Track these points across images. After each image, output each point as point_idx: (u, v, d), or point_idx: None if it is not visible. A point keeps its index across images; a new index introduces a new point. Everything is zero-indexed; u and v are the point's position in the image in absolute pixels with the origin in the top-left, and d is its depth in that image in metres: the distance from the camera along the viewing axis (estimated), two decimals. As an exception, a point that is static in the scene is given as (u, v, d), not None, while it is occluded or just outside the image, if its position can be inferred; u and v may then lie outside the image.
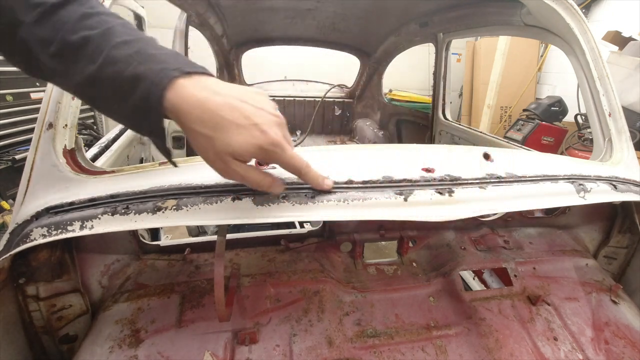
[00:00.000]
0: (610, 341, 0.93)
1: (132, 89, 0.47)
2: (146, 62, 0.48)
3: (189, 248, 1.07)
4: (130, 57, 0.48)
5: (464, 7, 1.87)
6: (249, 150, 0.52)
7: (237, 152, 0.51)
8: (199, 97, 0.48)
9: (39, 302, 0.78)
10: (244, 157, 0.53)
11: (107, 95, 0.50)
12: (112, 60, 0.47)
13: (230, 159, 0.52)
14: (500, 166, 0.85)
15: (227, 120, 0.50)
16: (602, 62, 1.13)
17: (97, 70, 0.47)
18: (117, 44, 0.48)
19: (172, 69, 0.48)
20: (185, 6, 1.89)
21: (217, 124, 0.50)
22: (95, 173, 0.73)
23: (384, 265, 1.12)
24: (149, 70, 0.47)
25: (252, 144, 0.51)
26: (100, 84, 0.48)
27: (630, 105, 3.22)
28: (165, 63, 0.49)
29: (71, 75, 0.49)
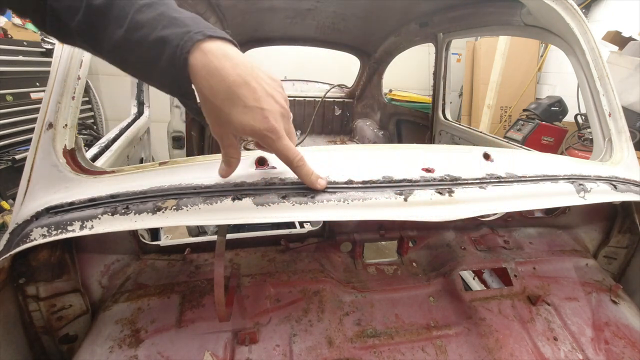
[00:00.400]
0: (610, 341, 0.93)
1: (159, 53, 0.49)
2: (170, 26, 0.49)
3: (189, 248, 1.07)
4: (155, 20, 0.49)
5: (464, 7, 1.87)
6: (245, 131, 0.55)
7: (236, 129, 0.55)
8: (218, 66, 0.50)
9: (39, 302, 0.78)
10: (240, 133, 0.57)
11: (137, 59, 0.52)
12: (138, 25, 0.49)
13: (230, 133, 0.57)
14: (500, 166, 0.85)
15: (238, 97, 0.52)
16: (602, 62, 1.13)
17: (124, 34, 0.49)
18: (140, 7, 0.49)
19: (195, 32, 0.49)
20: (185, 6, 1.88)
21: (228, 98, 0.52)
22: (95, 173, 0.73)
23: (384, 265, 1.12)
24: (173, 34, 0.49)
25: (251, 126, 0.54)
26: (129, 48, 0.50)
27: (630, 105, 3.22)
28: (188, 26, 0.50)
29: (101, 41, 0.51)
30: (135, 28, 0.49)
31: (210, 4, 2.05)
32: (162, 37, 0.49)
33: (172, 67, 0.50)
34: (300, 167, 0.64)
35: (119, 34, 0.49)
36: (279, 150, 0.59)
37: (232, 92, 0.51)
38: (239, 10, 2.35)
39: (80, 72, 0.79)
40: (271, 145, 0.58)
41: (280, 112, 0.57)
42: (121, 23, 0.49)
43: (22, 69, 3.23)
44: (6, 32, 3.17)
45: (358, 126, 3.75)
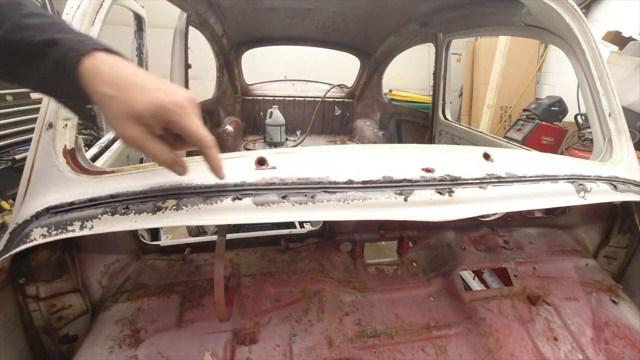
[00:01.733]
0: (610, 341, 0.93)
1: (43, 54, 0.48)
2: (64, 32, 0.49)
3: (189, 248, 1.07)
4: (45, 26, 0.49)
5: (464, 7, 1.87)
6: (148, 109, 0.51)
7: (137, 110, 0.50)
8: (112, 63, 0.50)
9: (39, 302, 0.78)
10: (142, 116, 0.51)
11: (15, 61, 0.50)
12: (22, 27, 0.48)
13: (129, 121, 0.51)
14: (500, 166, 0.85)
15: (133, 82, 0.51)
16: (602, 62, 1.13)
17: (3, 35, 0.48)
18: (29, 14, 0.49)
19: (92, 43, 0.50)
20: (185, 6, 1.89)
21: (124, 86, 0.50)
22: (95, 173, 0.73)
23: (384, 265, 1.12)
24: (68, 38, 0.49)
25: (153, 103, 0.51)
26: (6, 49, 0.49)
27: (630, 105, 3.22)
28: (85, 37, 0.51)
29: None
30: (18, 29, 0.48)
31: (210, 4, 2.05)
32: (52, 39, 0.48)
33: (61, 67, 0.48)
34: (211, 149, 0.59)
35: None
36: (188, 126, 0.54)
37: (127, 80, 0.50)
38: (239, 10, 2.35)
39: (80, 72, 0.79)
40: (179, 121, 0.53)
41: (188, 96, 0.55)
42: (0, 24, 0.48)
43: (22, 69, 3.23)
44: (6, 32, 3.17)
45: (358, 126, 3.75)
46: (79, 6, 0.79)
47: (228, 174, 0.72)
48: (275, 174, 0.72)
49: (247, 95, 3.50)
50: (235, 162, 0.75)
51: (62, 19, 0.54)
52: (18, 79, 0.54)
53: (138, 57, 1.94)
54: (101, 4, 0.84)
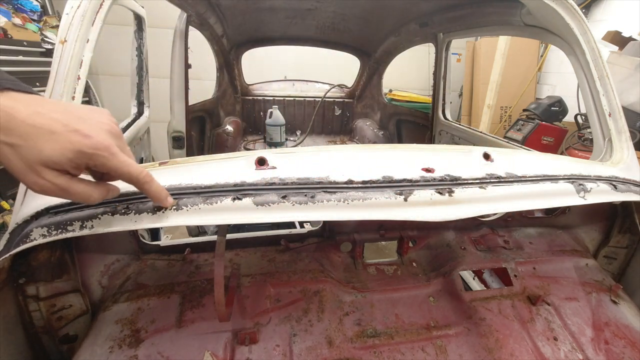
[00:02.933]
0: (610, 341, 0.93)
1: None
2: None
3: (189, 248, 1.07)
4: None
5: (464, 7, 1.87)
6: (65, 155, 0.45)
7: (48, 158, 0.44)
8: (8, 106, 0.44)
9: (39, 302, 0.78)
10: (59, 163, 0.45)
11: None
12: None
13: (44, 168, 0.45)
14: (500, 166, 0.85)
15: (38, 127, 0.44)
16: (602, 62, 1.13)
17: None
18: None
19: None
20: (185, 6, 1.89)
21: (26, 133, 0.44)
22: (95, 173, 0.73)
23: (384, 265, 1.12)
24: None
25: (70, 149, 0.45)
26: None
27: (630, 105, 3.22)
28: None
29: None
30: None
31: (210, 4, 2.05)
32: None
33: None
34: (149, 183, 0.56)
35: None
36: (117, 168, 0.50)
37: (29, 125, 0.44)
38: (239, 10, 2.35)
39: (80, 72, 0.79)
40: (106, 165, 0.48)
41: (106, 129, 0.49)
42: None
43: (22, 69, 3.23)
44: (6, 32, 3.17)
45: (358, 126, 3.76)
46: (79, 6, 0.79)
47: (228, 173, 0.72)
48: (275, 174, 0.72)
49: (247, 95, 3.50)
50: (235, 162, 0.75)
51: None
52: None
53: (138, 57, 1.94)
54: (101, 4, 0.84)
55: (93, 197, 0.51)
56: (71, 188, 0.48)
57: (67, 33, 0.77)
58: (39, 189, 0.47)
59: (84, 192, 0.50)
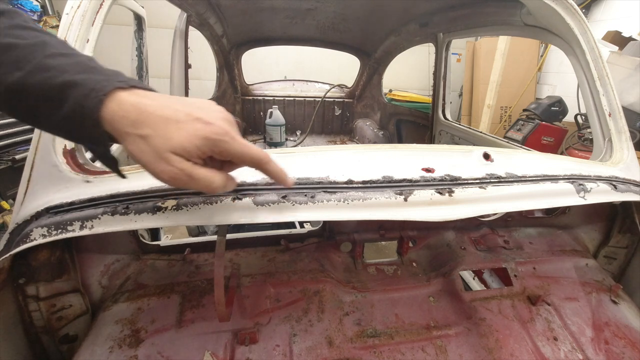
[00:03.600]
0: (610, 341, 0.93)
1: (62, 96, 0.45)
2: (86, 73, 0.46)
3: (189, 248, 1.07)
4: (67, 66, 0.46)
5: (464, 7, 1.87)
6: (192, 141, 0.48)
7: (179, 145, 0.47)
8: (136, 102, 0.47)
9: (39, 302, 0.78)
10: (187, 150, 0.48)
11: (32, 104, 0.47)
12: (44, 68, 0.45)
13: (172, 155, 0.47)
14: (500, 166, 0.85)
15: (165, 117, 0.47)
16: (602, 62, 1.13)
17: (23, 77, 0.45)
18: (52, 54, 0.46)
19: (116, 81, 0.47)
20: (185, 6, 1.89)
21: (156, 123, 0.47)
22: (96, 173, 0.73)
23: (384, 265, 1.12)
24: (89, 79, 0.45)
25: (196, 135, 0.48)
26: (25, 92, 0.45)
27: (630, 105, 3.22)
28: (109, 75, 0.47)
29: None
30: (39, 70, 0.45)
31: (210, 4, 2.05)
32: (71, 80, 0.45)
33: (80, 109, 0.45)
34: (270, 163, 0.56)
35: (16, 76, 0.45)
36: (238, 150, 0.51)
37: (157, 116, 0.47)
38: (239, 10, 2.35)
39: (80, 72, 0.79)
40: (228, 149, 0.50)
41: (222, 117, 0.51)
42: (22, 66, 0.45)
43: (22, 69, 3.23)
44: (6, 32, 3.17)
45: (358, 126, 3.76)
46: (79, 6, 0.79)
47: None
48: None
49: (247, 95, 3.50)
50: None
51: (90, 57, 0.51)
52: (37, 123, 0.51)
53: (138, 57, 1.94)
54: (101, 4, 0.84)
55: (215, 184, 0.52)
56: (195, 173, 0.49)
57: (67, 33, 0.77)
58: (167, 176, 0.48)
59: (206, 177, 0.51)
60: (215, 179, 0.52)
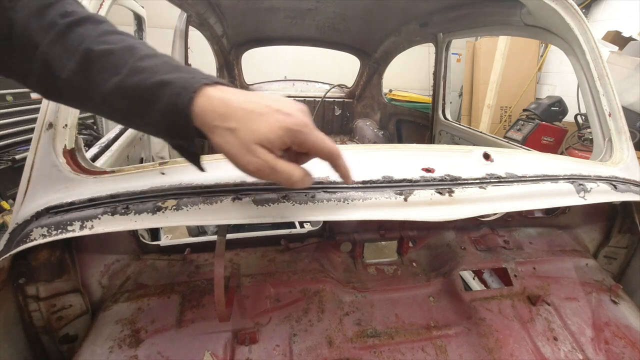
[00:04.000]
0: (610, 341, 0.93)
1: (157, 95, 0.48)
2: (174, 72, 0.50)
3: (189, 248, 1.07)
4: (157, 67, 0.49)
5: (464, 7, 1.87)
6: (275, 132, 0.50)
7: (264, 136, 0.50)
8: (222, 97, 0.50)
9: (39, 302, 0.78)
10: (271, 141, 0.51)
11: (130, 104, 0.51)
12: (138, 70, 0.49)
13: (258, 147, 0.50)
14: (500, 166, 0.85)
15: (250, 110, 0.50)
16: (602, 62, 1.13)
17: (121, 80, 0.48)
18: (142, 56, 0.50)
19: (201, 77, 0.50)
20: (185, 6, 1.89)
21: (242, 116, 0.50)
22: (95, 173, 0.73)
23: (384, 265, 1.12)
24: (178, 77, 0.49)
25: (278, 127, 0.50)
26: (124, 94, 0.49)
27: (630, 105, 3.22)
28: (194, 73, 0.51)
29: (93, 88, 0.50)
30: (135, 73, 0.49)
31: (210, 4, 2.05)
32: (163, 80, 0.48)
33: (174, 107, 0.49)
34: (342, 159, 0.59)
35: (115, 79, 0.48)
36: (316, 141, 0.54)
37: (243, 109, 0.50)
38: (239, 10, 2.35)
39: (80, 72, 0.79)
40: (307, 140, 0.53)
41: (299, 108, 0.54)
42: (119, 70, 0.49)
43: (22, 69, 3.23)
44: (6, 32, 3.17)
45: (358, 126, 3.76)
46: (79, 6, 0.79)
47: (228, 173, 0.72)
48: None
49: (247, 95, 3.50)
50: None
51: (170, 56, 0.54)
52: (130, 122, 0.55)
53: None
54: (101, 4, 0.84)
55: (295, 177, 0.54)
56: (277, 165, 0.52)
57: (67, 33, 0.77)
58: (253, 167, 0.51)
59: (288, 169, 0.53)
60: (295, 172, 0.54)
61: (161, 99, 0.48)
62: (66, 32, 0.49)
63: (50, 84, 0.51)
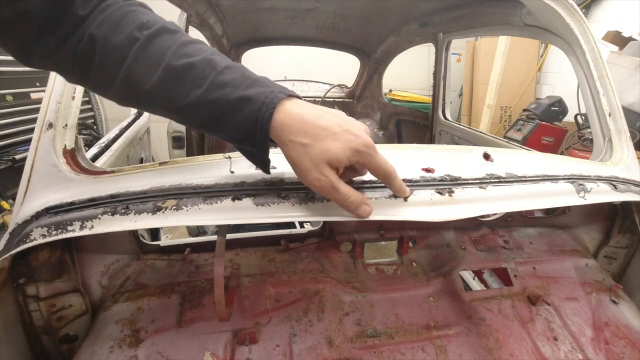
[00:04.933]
0: (610, 341, 0.93)
1: (237, 110, 0.51)
2: (254, 86, 0.52)
3: (189, 248, 1.07)
4: (237, 81, 0.52)
5: (464, 7, 1.87)
6: (345, 153, 0.53)
7: (334, 156, 0.53)
8: (299, 112, 0.53)
9: (39, 302, 0.78)
10: (340, 161, 0.54)
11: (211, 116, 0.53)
12: (220, 85, 0.51)
13: (325, 165, 0.53)
14: (500, 166, 0.85)
15: (324, 128, 0.53)
16: (602, 62, 1.13)
17: (203, 94, 0.51)
18: (222, 69, 0.52)
19: (278, 92, 0.53)
20: (185, 6, 1.89)
21: (316, 134, 0.53)
22: (95, 173, 0.73)
23: (384, 265, 1.12)
24: (258, 92, 0.52)
25: (349, 147, 0.53)
26: (205, 106, 0.52)
27: (630, 105, 3.22)
28: (270, 87, 0.53)
29: (174, 100, 0.52)
30: (216, 87, 0.51)
31: (210, 4, 2.05)
32: (245, 95, 0.51)
33: (254, 121, 0.51)
34: (395, 179, 0.63)
35: (197, 92, 0.51)
36: (378, 164, 0.58)
37: (318, 127, 0.53)
38: (239, 10, 2.35)
39: (80, 72, 0.79)
40: (371, 161, 0.57)
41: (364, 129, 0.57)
42: (200, 84, 0.51)
43: (22, 69, 3.23)
44: (6, 32, 3.17)
45: (358, 126, 3.75)
46: (79, 6, 0.79)
47: (228, 173, 0.72)
48: (276, 174, 0.72)
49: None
50: (236, 162, 0.75)
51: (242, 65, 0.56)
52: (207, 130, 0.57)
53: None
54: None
55: (351, 198, 0.58)
56: (339, 186, 0.56)
57: (67, 33, 0.77)
58: (319, 185, 0.55)
59: (347, 191, 0.57)
60: (352, 195, 0.58)
61: (241, 113, 0.51)
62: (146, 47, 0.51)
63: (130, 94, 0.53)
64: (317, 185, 0.54)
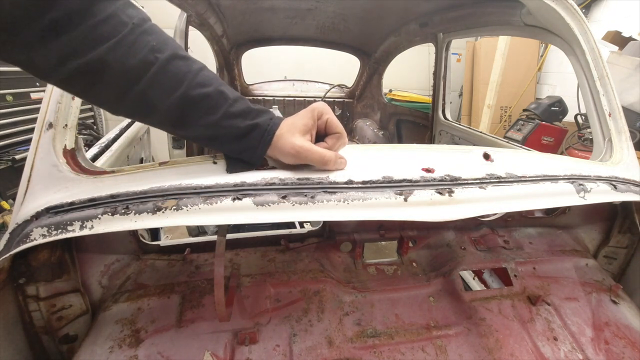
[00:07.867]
0: (610, 341, 0.93)
1: (245, 135, 0.66)
2: (259, 115, 0.67)
3: (189, 248, 1.07)
4: (245, 112, 0.65)
5: (464, 7, 1.87)
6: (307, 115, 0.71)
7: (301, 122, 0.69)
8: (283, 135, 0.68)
9: (39, 302, 0.78)
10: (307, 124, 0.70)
11: (217, 138, 0.65)
12: (232, 115, 0.63)
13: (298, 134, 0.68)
14: (500, 166, 0.85)
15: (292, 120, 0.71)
16: (602, 62, 1.13)
17: (217, 120, 0.62)
18: (232, 101, 0.64)
19: (274, 118, 0.69)
20: (185, 6, 1.89)
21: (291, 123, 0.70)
22: (95, 173, 0.73)
23: (384, 265, 1.12)
24: (263, 121, 0.67)
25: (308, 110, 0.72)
26: (217, 130, 0.63)
27: (630, 105, 3.22)
28: (267, 115, 0.69)
29: (189, 123, 0.62)
30: (229, 117, 0.63)
31: (210, 4, 2.05)
32: (255, 123, 0.66)
33: (258, 143, 0.67)
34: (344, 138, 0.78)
35: (212, 119, 0.62)
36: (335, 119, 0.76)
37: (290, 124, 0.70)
38: (239, 10, 2.35)
39: (80, 72, 0.79)
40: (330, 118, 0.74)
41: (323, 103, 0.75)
42: (214, 112, 0.62)
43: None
44: (6, 32, 3.16)
45: (358, 126, 3.76)
46: (79, 6, 0.79)
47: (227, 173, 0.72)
48: (275, 174, 0.72)
49: (247, 95, 3.50)
50: (235, 162, 0.75)
51: (244, 96, 0.68)
52: (208, 146, 0.69)
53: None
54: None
55: (327, 156, 0.71)
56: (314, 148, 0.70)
57: (67, 33, 0.76)
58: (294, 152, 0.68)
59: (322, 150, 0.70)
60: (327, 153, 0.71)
61: (249, 137, 0.66)
62: (160, 73, 0.56)
63: (142, 112, 0.61)
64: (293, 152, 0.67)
